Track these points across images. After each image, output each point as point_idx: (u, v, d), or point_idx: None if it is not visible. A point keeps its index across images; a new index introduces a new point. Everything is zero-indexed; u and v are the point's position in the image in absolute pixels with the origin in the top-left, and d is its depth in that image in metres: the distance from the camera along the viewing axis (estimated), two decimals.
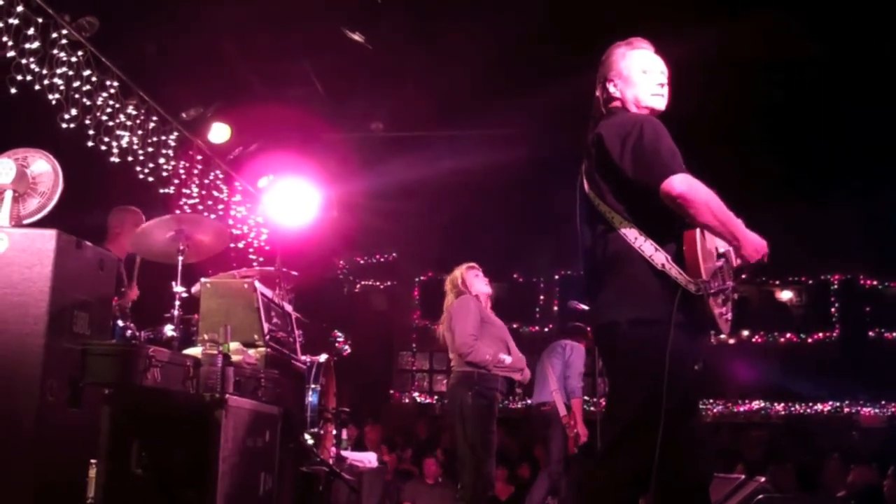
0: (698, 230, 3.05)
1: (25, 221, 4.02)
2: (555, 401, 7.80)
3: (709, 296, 3.00)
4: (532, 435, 10.52)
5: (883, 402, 13.81)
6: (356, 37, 7.41)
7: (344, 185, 9.73)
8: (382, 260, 15.55)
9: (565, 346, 8.05)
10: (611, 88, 3.38)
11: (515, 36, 7.68)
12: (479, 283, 5.80)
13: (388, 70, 8.33)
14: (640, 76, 3.37)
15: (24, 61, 5.42)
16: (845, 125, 9.27)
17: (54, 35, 5.64)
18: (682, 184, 2.99)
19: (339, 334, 6.98)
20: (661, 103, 3.37)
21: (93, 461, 3.51)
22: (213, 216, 7.88)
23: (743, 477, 6.17)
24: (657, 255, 3.06)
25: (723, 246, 3.21)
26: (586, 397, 7.85)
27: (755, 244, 3.17)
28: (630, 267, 3.11)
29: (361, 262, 15.41)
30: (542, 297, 15.17)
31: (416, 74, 8.52)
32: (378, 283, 15.70)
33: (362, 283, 15.61)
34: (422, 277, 15.33)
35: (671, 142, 3.13)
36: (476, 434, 5.26)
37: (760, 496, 5.52)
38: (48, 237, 3.74)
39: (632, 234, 3.12)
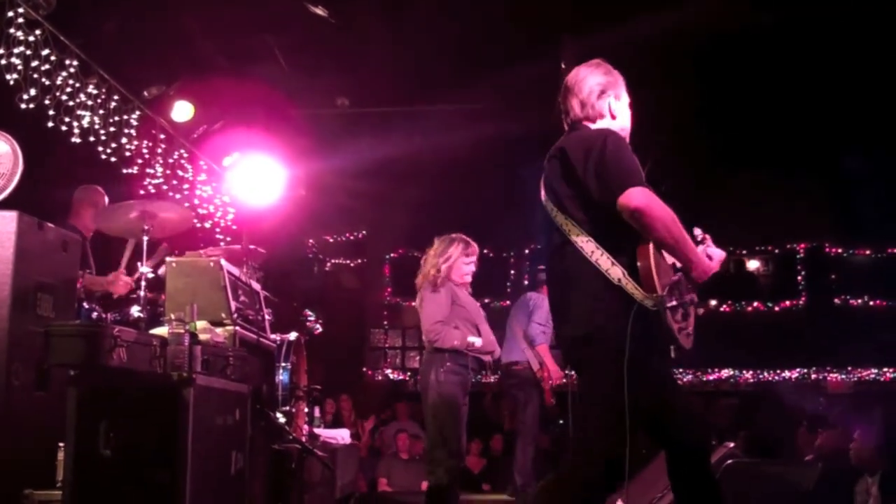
0: (652, 244, 3.03)
1: None
2: (527, 358, 7.64)
3: (665, 311, 2.98)
4: (503, 402, 10.55)
5: (849, 369, 14.01)
6: (319, 11, 7.32)
7: (311, 163, 9.64)
8: (352, 238, 15.49)
9: (529, 298, 7.91)
10: (612, 102, 3.35)
11: (482, 10, 7.63)
12: (466, 270, 5.72)
13: (354, 45, 8.25)
14: (626, 99, 3.43)
15: None
16: (810, 93, 9.33)
17: (10, 14, 5.53)
18: (640, 197, 2.98)
19: (311, 313, 6.93)
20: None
21: (61, 444, 3.48)
22: (178, 196, 7.80)
23: (713, 443, 6.25)
24: (613, 270, 3.04)
25: None
26: None
27: (705, 266, 3.17)
28: (586, 281, 3.09)
29: (331, 240, 15.33)
30: (512, 272, 15.18)
31: (381, 49, 8.45)
32: (348, 262, 15.64)
33: (332, 261, 15.54)
34: (392, 255, 15.29)
35: (633, 157, 3.13)
36: (446, 409, 5.28)
37: (729, 461, 5.58)
38: (9, 219, 3.70)
39: (588, 248, 3.10)
